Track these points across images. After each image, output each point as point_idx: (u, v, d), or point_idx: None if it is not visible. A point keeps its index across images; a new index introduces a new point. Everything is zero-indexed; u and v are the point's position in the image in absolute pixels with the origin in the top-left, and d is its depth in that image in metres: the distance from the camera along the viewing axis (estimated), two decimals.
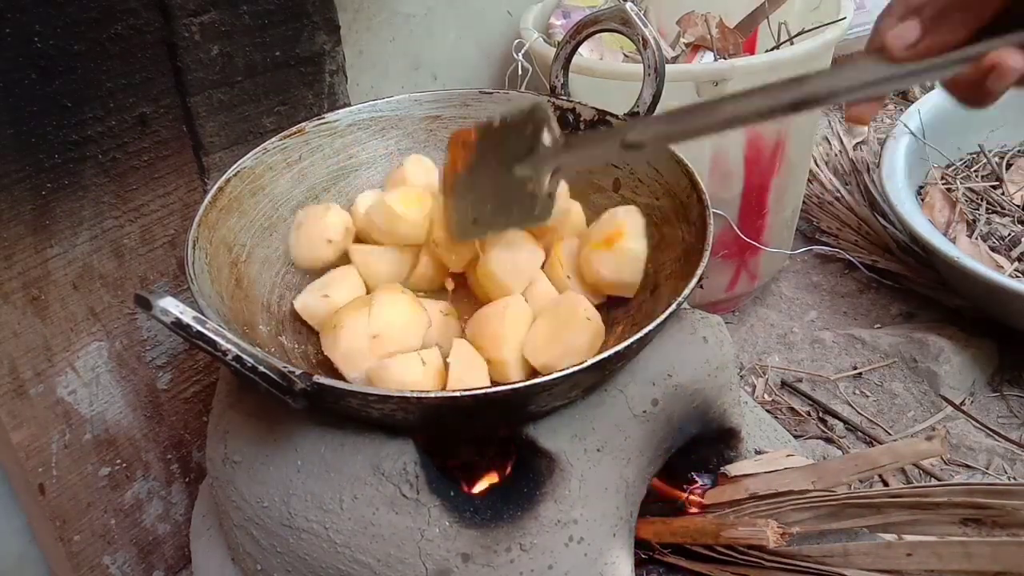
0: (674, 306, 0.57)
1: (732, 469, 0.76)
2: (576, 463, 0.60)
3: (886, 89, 0.49)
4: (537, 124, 0.63)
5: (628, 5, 0.73)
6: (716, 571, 0.69)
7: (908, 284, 1.35)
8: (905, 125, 1.43)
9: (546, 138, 0.63)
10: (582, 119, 0.78)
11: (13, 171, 0.65)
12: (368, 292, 0.71)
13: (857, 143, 1.67)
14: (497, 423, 0.63)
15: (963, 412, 1.13)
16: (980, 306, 1.23)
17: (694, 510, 0.75)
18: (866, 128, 1.70)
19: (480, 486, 0.65)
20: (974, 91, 0.44)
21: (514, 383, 0.53)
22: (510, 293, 0.67)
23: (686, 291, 0.58)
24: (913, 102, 1.54)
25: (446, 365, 0.61)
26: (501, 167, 0.66)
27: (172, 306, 0.46)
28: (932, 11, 0.45)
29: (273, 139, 0.74)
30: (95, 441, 0.78)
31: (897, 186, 1.31)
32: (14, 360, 0.70)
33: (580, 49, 0.80)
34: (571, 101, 0.79)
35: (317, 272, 0.73)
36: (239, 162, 0.71)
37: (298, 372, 0.50)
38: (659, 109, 0.74)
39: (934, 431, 1.10)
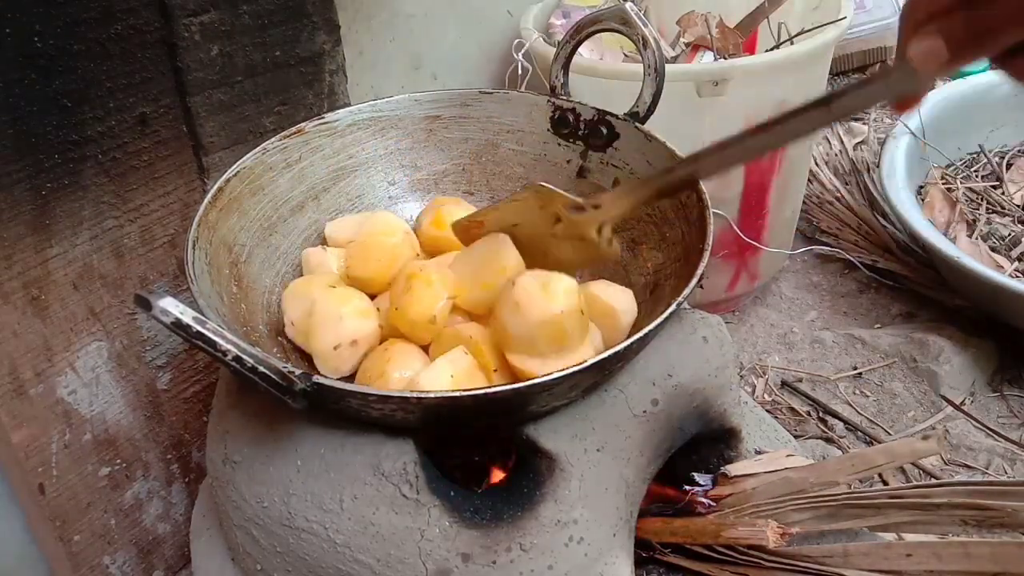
0: (674, 306, 0.57)
1: (732, 469, 0.76)
2: (576, 463, 0.60)
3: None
4: (546, 205, 0.64)
5: (628, 5, 0.73)
6: (716, 571, 0.69)
7: (908, 284, 1.35)
8: (905, 125, 1.43)
9: (567, 212, 0.64)
10: (582, 119, 0.78)
11: (13, 171, 0.65)
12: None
13: (857, 143, 1.67)
14: (497, 423, 0.63)
15: (963, 412, 1.13)
16: (980, 306, 1.23)
17: (694, 510, 0.75)
18: (866, 128, 1.70)
19: (480, 486, 0.65)
20: None
21: (514, 383, 0.53)
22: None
23: (686, 291, 0.58)
24: None
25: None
26: (535, 235, 0.67)
27: (172, 306, 0.46)
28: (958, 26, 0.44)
29: (273, 139, 0.74)
30: (95, 441, 0.78)
31: (897, 186, 1.31)
32: (14, 360, 0.70)
33: (580, 49, 0.80)
34: (571, 101, 0.79)
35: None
36: (239, 162, 0.71)
37: (298, 372, 0.50)
38: (659, 109, 0.75)
39: (933, 431, 1.10)
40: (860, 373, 1.20)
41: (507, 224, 0.67)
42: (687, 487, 0.76)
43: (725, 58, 1.21)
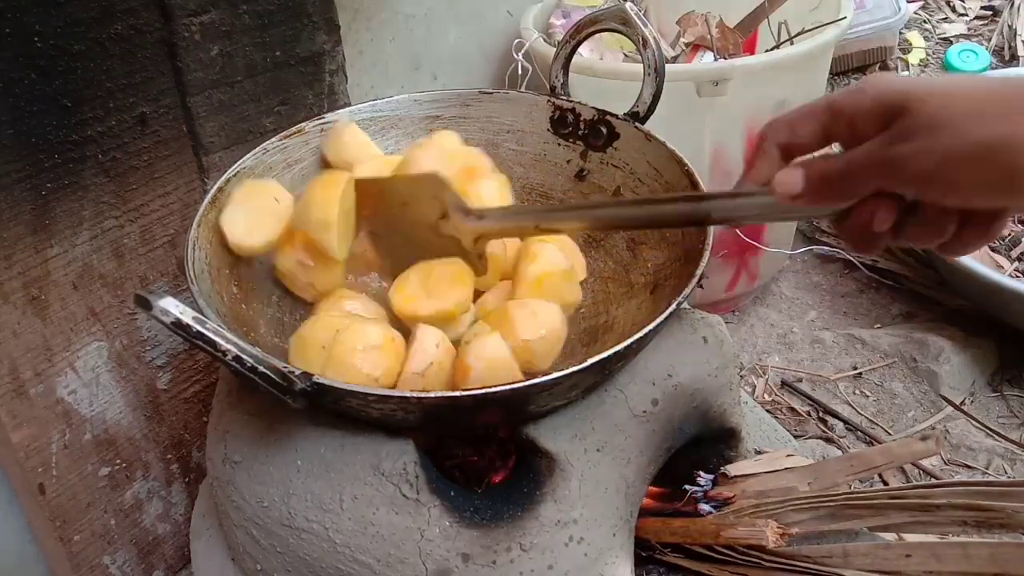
0: (674, 306, 0.57)
1: (732, 469, 0.76)
2: (576, 463, 0.60)
3: (774, 219, 0.52)
4: (438, 194, 0.65)
5: (628, 5, 0.73)
6: (716, 571, 0.69)
7: (908, 284, 1.35)
8: None
9: (454, 210, 0.64)
10: (582, 119, 0.78)
11: (13, 171, 0.65)
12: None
13: None
14: (497, 423, 0.63)
15: (963, 412, 1.13)
16: (980, 306, 1.23)
17: (694, 510, 0.75)
18: None
19: (480, 486, 0.65)
20: (859, 236, 0.44)
21: (514, 383, 0.53)
22: None
23: (686, 291, 0.58)
24: None
25: None
26: (419, 223, 0.67)
27: (172, 306, 0.46)
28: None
29: (273, 139, 0.74)
30: (95, 441, 0.78)
31: None
32: (14, 360, 0.70)
33: (580, 49, 0.80)
34: (571, 101, 0.79)
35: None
36: (239, 162, 0.71)
37: (298, 372, 0.50)
38: (659, 109, 0.75)
39: (933, 431, 1.10)
40: (860, 373, 1.20)
41: (399, 200, 0.68)
42: (687, 487, 0.76)
43: (725, 58, 1.21)
